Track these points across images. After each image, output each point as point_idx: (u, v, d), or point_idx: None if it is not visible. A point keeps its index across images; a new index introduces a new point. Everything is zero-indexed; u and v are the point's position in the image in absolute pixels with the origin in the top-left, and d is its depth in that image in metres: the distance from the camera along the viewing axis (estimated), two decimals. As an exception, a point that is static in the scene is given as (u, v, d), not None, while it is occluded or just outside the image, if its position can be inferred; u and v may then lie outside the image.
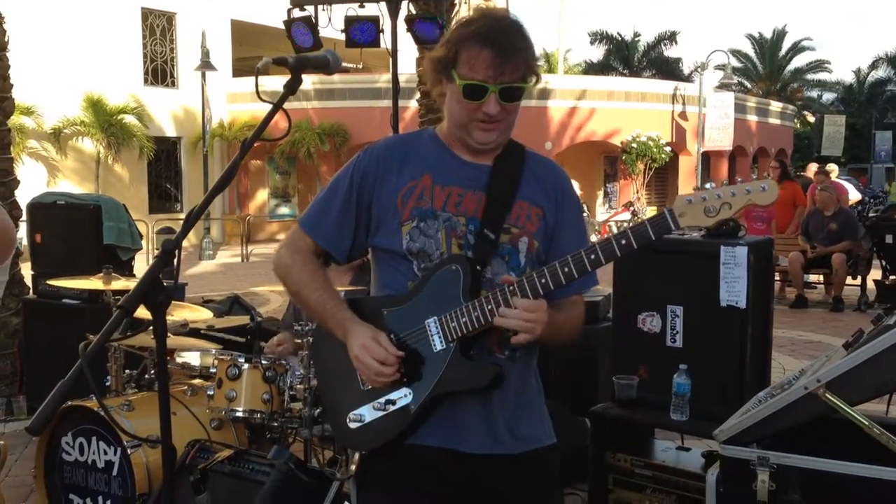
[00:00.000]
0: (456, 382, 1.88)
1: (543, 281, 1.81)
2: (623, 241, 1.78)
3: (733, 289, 3.54)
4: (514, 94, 1.90)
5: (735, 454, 2.70)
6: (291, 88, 1.88)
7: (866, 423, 2.56)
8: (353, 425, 1.97)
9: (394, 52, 7.27)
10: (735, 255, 3.53)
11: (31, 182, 14.35)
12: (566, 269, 1.81)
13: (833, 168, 14.13)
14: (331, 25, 7.69)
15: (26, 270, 6.35)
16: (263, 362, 3.75)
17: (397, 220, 1.95)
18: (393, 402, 1.92)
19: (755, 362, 3.67)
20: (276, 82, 1.93)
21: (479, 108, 1.89)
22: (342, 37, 7.53)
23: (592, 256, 1.80)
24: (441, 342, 1.88)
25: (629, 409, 3.74)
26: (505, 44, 1.86)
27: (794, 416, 2.69)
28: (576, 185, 3.11)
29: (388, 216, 1.97)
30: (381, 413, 1.93)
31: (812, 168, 13.81)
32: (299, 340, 3.77)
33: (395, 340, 1.92)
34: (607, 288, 3.93)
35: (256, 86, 1.86)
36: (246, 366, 3.71)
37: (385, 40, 7.39)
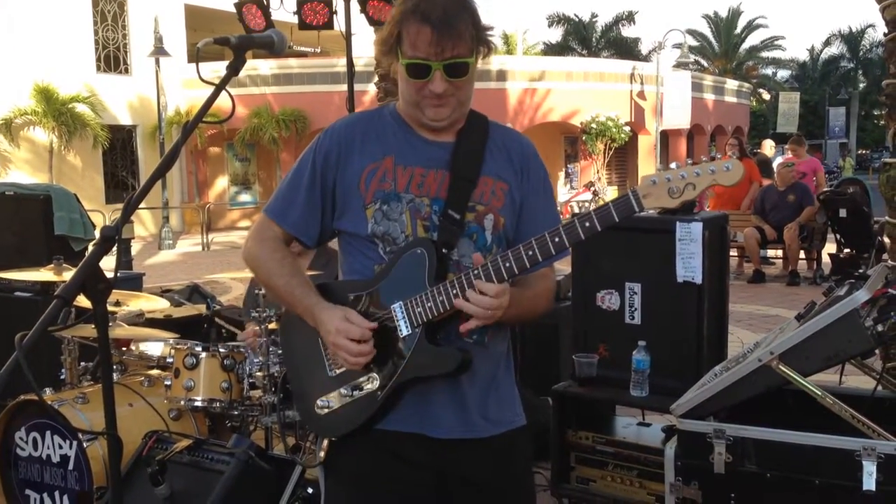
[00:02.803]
0: (422, 368, 1.86)
1: (508, 265, 1.78)
2: (587, 224, 1.75)
3: (689, 265, 3.57)
4: (459, 69, 1.85)
5: (692, 428, 2.74)
6: (234, 69, 1.85)
7: (819, 394, 2.61)
8: (321, 412, 1.95)
9: (348, 34, 7.18)
10: (690, 230, 3.55)
11: (-18, 174, 14.05)
12: (530, 253, 1.78)
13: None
14: (283, 7, 7.57)
15: (-25, 264, 6.19)
16: (221, 350, 3.70)
17: (361, 203, 1.92)
18: (360, 388, 1.90)
19: (712, 337, 3.71)
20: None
21: (426, 86, 1.86)
22: (296, 19, 7.41)
23: (556, 239, 1.78)
24: (407, 327, 1.86)
25: (590, 386, 3.77)
26: (444, 18, 1.80)
27: (749, 389, 2.73)
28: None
29: (352, 199, 1.93)
30: (348, 399, 1.91)
31: (767, 145, 13.96)
32: (257, 327, 3.72)
33: None
34: (566, 267, 3.95)
35: (197, 68, 1.82)
36: (203, 354, 3.66)
37: (339, 22, 7.29)
